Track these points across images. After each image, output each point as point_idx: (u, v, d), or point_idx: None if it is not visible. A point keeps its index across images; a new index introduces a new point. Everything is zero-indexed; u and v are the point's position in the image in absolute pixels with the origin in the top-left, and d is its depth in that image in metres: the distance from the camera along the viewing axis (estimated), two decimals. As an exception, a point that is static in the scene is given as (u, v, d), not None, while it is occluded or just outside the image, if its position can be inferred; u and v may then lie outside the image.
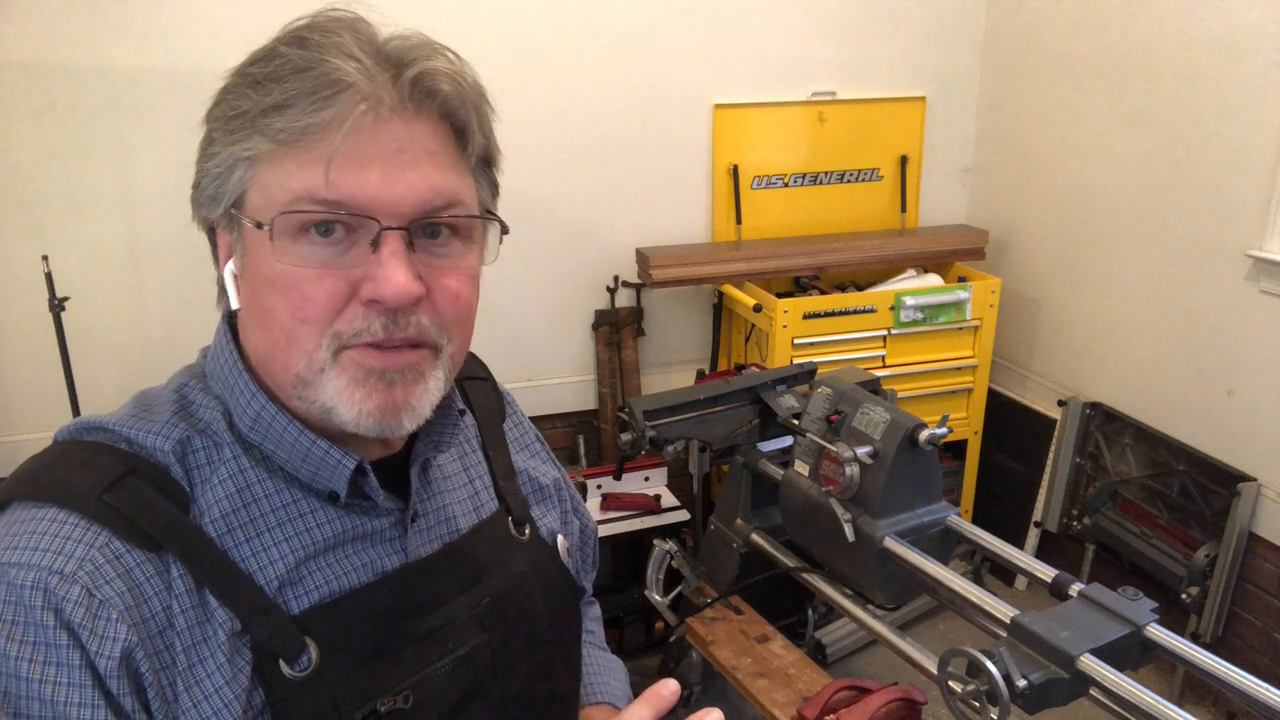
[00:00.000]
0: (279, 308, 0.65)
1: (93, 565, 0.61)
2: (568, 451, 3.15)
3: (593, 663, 1.01)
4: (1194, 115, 2.44)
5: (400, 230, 0.65)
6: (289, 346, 0.66)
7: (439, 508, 0.80)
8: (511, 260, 2.90)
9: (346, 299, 0.65)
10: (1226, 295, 2.41)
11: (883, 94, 3.11)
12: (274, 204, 0.64)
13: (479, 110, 0.71)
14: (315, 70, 0.63)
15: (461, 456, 0.86)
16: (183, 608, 0.64)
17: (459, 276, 0.70)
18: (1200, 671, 1.23)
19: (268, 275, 0.66)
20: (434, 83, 0.66)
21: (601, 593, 2.77)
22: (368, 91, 0.63)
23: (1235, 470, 2.42)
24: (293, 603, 0.69)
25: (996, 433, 3.14)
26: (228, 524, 0.68)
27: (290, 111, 0.63)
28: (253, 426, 0.70)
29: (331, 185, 0.63)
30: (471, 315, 0.73)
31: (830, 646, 2.71)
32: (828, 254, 2.97)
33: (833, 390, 1.77)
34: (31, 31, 2.33)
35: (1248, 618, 2.47)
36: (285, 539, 0.69)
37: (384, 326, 0.66)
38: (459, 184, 0.69)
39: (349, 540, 0.73)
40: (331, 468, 0.70)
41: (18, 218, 2.45)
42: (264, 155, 0.64)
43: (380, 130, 0.64)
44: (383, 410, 0.67)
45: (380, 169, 0.64)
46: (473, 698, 0.75)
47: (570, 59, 2.77)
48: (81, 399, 2.33)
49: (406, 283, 0.64)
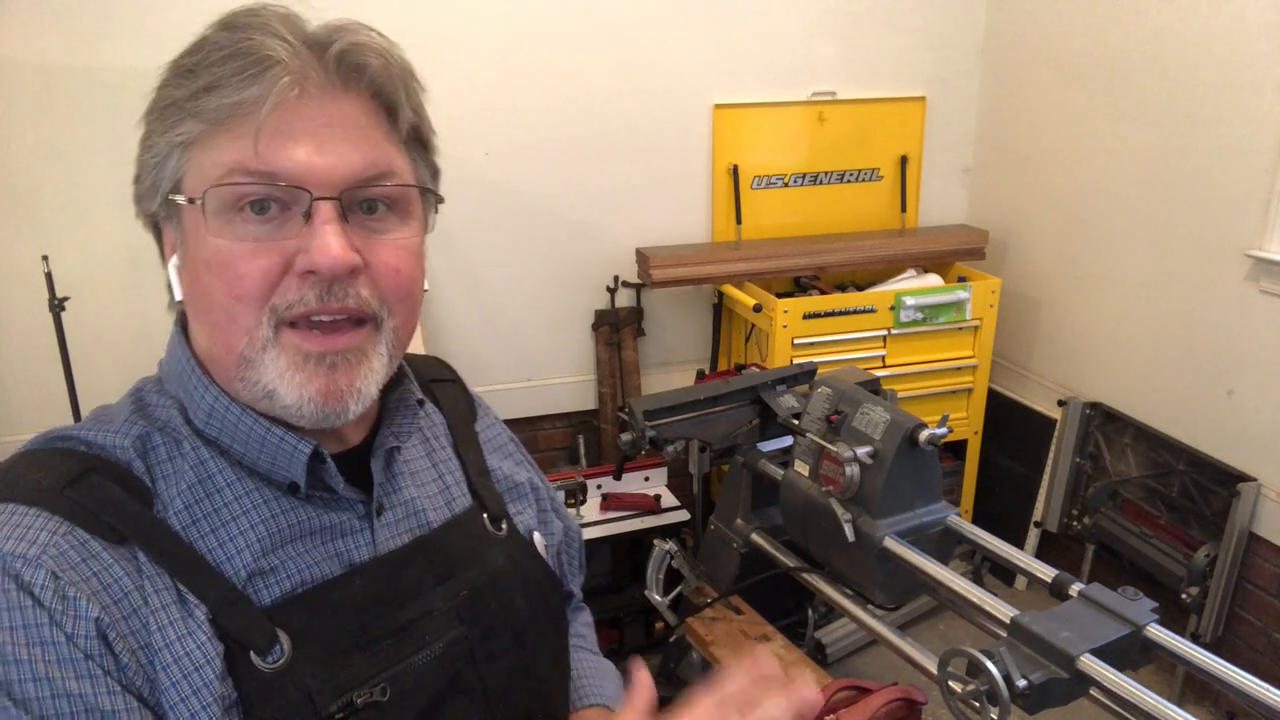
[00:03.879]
0: (215, 287, 0.66)
1: (57, 550, 0.61)
2: (568, 451, 3.15)
3: (584, 666, 1.00)
4: (1194, 115, 2.44)
5: (333, 200, 0.65)
6: (229, 326, 0.66)
7: (406, 501, 0.79)
8: (512, 260, 2.91)
9: (281, 273, 0.65)
10: (1226, 295, 2.41)
11: (883, 94, 3.11)
12: (207, 181, 0.65)
13: (408, 86, 0.71)
14: (242, 49, 0.64)
15: (430, 452, 0.86)
16: (156, 588, 0.64)
17: (397, 250, 0.70)
18: (1200, 671, 1.23)
19: (204, 257, 0.66)
20: (361, 58, 0.67)
21: (601, 593, 2.78)
22: (294, 67, 0.64)
23: (1235, 470, 2.42)
24: (263, 592, 0.68)
25: (996, 433, 3.14)
26: (191, 515, 0.68)
27: (219, 91, 0.63)
28: (208, 421, 0.70)
29: (260, 157, 0.64)
30: (413, 292, 0.73)
31: (830, 646, 2.71)
32: (828, 254, 2.97)
33: (833, 390, 1.77)
34: (31, 31, 2.33)
35: (1248, 618, 2.47)
36: (251, 526, 0.69)
37: (318, 297, 0.65)
38: (392, 156, 0.69)
39: (314, 531, 0.72)
40: (288, 455, 0.70)
41: (18, 218, 2.45)
42: (196, 137, 0.65)
43: (308, 105, 0.65)
44: (325, 395, 0.67)
45: (309, 142, 0.65)
46: (453, 691, 0.75)
47: (570, 59, 2.77)
48: (81, 399, 2.33)
49: (340, 251, 0.64)
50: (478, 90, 2.68)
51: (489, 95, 2.71)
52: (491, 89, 2.71)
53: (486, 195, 2.78)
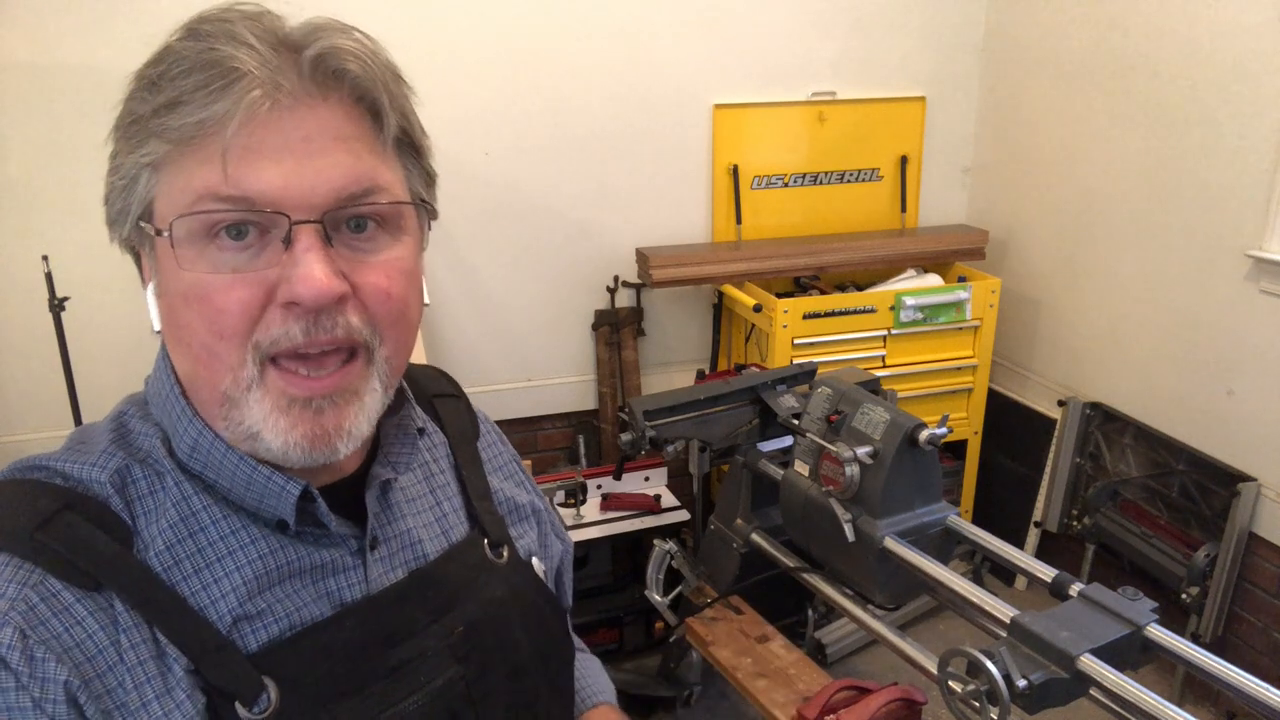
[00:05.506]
0: (194, 323, 0.61)
1: (26, 605, 0.57)
2: (568, 451, 3.15)
3: (580, 669, 0.97)
4: (1194, 115, 2.44)
5: (314, 224, 0.60)
6: (211, 363, 0.62)
7: (401, 533, 0.75)
8: (512, 260, 2.91)
9: (263, 305, 0.60)
10: (1226, 295, 2.41)
11: (883, 94, 3.11)
12: (177, 208, 0.60)
13: (391, 89, 0.64)
14: (205, 60, 0.58)
15: (428, 478, 0.81)
16: (132, 642, 0.60)
17: (388, 271, 0.64)
18: (1200, 671, 1.23)
19: (179, 289, 0.61)
20: (339, 63, 0.61)
21: (601, 593, 2.78)
22: (263, 78, 0.58)
23: (1235, 470, 2.42)
24: (249, 638, 0.64)
25: (996, 433, 3.14)
26: (174, 556, 0.63)
27: (183, 108, 0.58)
28: (191, 454, 0.66)
29: (231, 180, 0.58)
30: (407, 315, 0.67)
31: (830, 646, 2.71)
32: (828, 254, 2.97)
33: (833, 390, 1.77)
34: (31, 32, 2.33)
35: (1248, 618, 2.47)
36: (237, 567, 0.65)
37: (304, 330, 0.61)
38: (378, 169, 0.64)
39: (304, 570, 0.68)
40: (276, 495, 0.66)
41: (18, 218, 2.45)
42: (164, 159, 0.60)
43: (282, 119, 0.59)
44: (311, 440, 0.63)
45: (284, 160, 0.59)
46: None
47: (570, 59, 2.77)
48: (81, 399, 2.33)
49: (323, 279, 0.59)
50: (478, 90, 2.68)
51: (489, 95, 2.71)
52: (491, 89, 2.71)
53: (486, 195, 2.78)
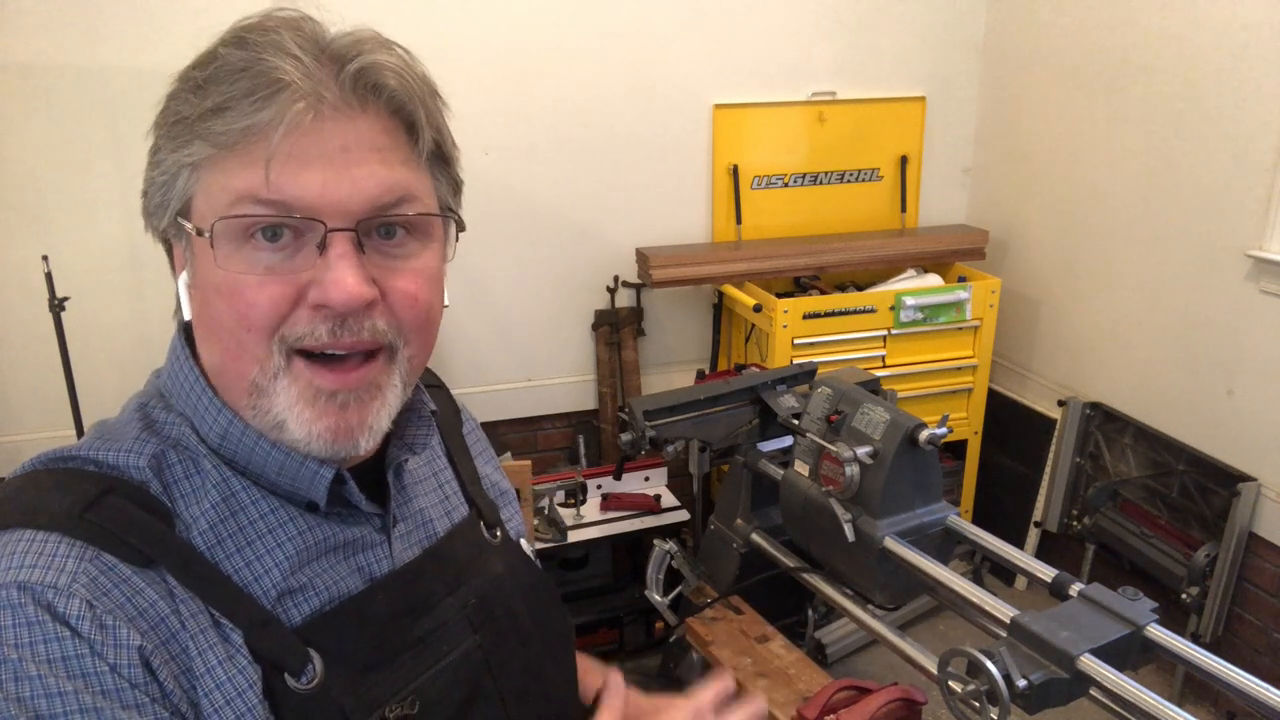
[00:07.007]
0: (225, 314, 0.64)
1: (87, 577, 0.59)
2: (568, 451, 3.15)
3: None
4: (1194, 115, 2.44)
5: (348, 231, 0.63)
6: (239, 353, 0.65)
7: (416, 512, 0.79)
8: (512, 260, 2.91)
9: (293, 304, 0.63)
10: (1226, 295, 2.41)
11: (883, 94, 3.11)
12: (216, 209, 0.63)
13: (427, 104, 0.68)
14: (253, 70, 0.61)
15: (431, 460, 0.86)
16: (191, 612, 0.62)
17: (416, 278, 0.67)
18: (1200, 671, 1.23)
19: (214, 282, 0.64)
20: (378, 77, 0.64)
21: (601, 593, 2.78)
22: (307, 89, 0.61)
23: (1235, 470, 2.42)
24: (293, 611, 0.67)
25: (996, 433, 3.14)
26: (216, 535, 0.66)
27: (229, 114, 0.61)
28: (221, 442, 0.68)
29: (272, 186, 0.61)
30: (432, 319, 0.70)
31: (830, 646, 2.71)
32: (828, 254, 2.97)
33: (833, 390, 1.77)
34: (31, 33, 2.33)
35: (1248, 618, 2.47)
36: (278, 545, 0.68)
37: (330, 331, 0.64)
38: (411, 179, 0.67)
39: (337, 547, 0.71)
40: (309, 479, 0.69)
41: (18, 218, 2.45)
42: (206, 160, 0.63)
43: (323, 128, 0.62)
44: (335, 433, 0.66)
45: (324, 168, 0.62)
46: (474, 699, 0.75)
47: (570, 59, 2.77)
48: (81, 399, 2.33)
49: (355, 286, 0.62)
50: (477, 90, 2.68)
51: (489, 95, 2.70)
52: (492, 89, 2.71)
53: (486, 195, 2.78)
